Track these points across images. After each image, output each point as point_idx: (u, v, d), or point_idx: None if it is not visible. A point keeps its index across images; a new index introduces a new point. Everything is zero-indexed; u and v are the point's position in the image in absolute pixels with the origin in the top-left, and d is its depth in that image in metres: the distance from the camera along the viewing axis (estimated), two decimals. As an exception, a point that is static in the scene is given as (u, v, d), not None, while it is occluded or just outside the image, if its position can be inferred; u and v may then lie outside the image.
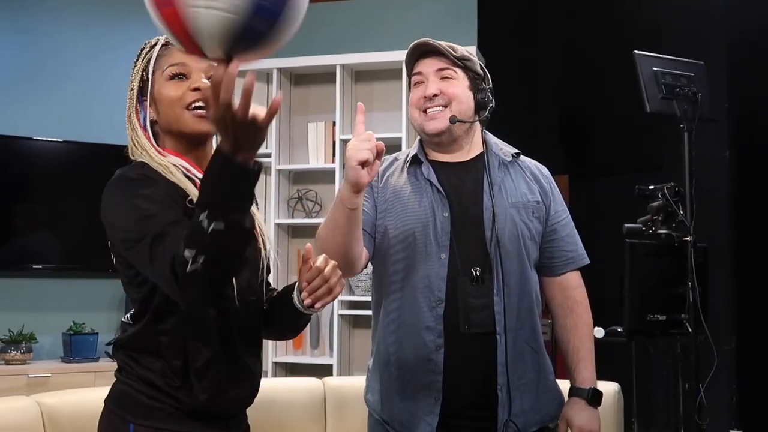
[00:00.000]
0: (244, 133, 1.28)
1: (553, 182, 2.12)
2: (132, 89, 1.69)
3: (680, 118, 3.06)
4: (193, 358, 1.57)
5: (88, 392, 2.39)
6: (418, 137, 2.08)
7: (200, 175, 1.56)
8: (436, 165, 2.01)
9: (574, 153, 5.89)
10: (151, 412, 1.58)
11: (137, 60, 1.72)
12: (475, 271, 1.90)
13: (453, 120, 1.95)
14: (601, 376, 2.87)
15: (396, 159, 2.08)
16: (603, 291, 3.89)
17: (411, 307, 1.91)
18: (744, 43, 4.40)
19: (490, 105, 2.02)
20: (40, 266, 4.64)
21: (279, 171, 4.64)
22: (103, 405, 1.64)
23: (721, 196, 4.39)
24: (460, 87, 1.99)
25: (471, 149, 2.04)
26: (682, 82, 3.08)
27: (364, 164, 1.67)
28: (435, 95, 1.96)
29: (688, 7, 4.57)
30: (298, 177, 4.79)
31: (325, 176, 4.70)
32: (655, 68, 3.06)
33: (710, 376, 3.04)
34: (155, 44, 1.72)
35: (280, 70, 4.64)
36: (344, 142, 4.43)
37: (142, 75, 1.69)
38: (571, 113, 5.91)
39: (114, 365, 1.70)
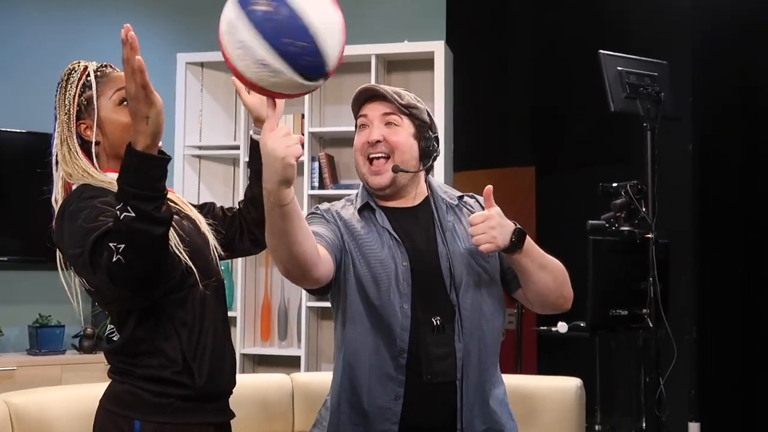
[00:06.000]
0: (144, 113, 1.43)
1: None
2: (67, 114, 1.71)
3: (643, 117, 3.12)
4: (186, 343, 1.66)
5: (56, 391, 2.39)
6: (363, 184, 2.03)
7: None
8: (387, 211, 1.98)
9: (541, 146, 5.96)
10: (157, 408, 1.64)
11: (66, 84, 1.73)
12: (436, 320, 1.89)
13: (396, 169, 1.92)
14: (565, 370, 2.94)
15: (349, 202, 2.03)
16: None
17: (373, 356, 1.90)
18: (709, 40, 4.49)
19: (435, 154, 1.99)
20: (5, 258, 4.58)
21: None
22: (98, 404, 1.69)
23: (684, 189, 4.48)
24: (403, 135, 1.95)
25: (417, 195, 2.01)
26: (646, 81, 3.14)
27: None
28: (378, 141, 1.93)
29: (656, 6, 4.64)
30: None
31: (293, 168, 4.68)
32: (619, 68, 3.11)
33: (670, 370, 3.12)
34: (85, 69, 1.73)
35: (248, 61, 4.62)
36: (312, 135, 4.44)
37: (80, 99, 1.71)
38: (539, 107, 5.97)
39: (80, 357, 1.74)
